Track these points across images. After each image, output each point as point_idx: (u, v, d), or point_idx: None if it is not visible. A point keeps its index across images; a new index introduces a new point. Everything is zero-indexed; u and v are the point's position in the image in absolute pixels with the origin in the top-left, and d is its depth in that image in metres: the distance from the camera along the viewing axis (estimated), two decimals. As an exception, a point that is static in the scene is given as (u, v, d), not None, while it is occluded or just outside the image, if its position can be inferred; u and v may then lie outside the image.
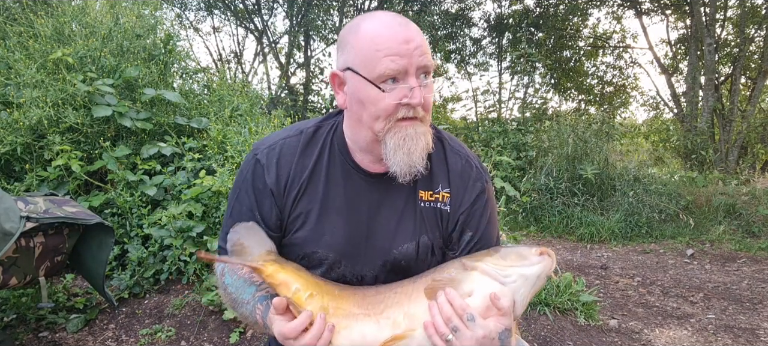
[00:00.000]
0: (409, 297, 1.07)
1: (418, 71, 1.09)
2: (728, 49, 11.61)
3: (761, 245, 5.35)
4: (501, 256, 1.05)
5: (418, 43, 1.08)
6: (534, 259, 1.03)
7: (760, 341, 3.02)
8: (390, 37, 1.07)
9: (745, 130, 10.10)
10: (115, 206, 3.34)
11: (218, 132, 3.68)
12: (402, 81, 1.08)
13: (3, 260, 2.10)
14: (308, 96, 13.52)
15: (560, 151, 7.06)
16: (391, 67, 1.06)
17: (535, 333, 2.94)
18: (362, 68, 1.09)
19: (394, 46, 1.06)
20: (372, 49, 1.07)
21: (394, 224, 1.22)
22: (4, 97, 3.58)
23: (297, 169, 1.21)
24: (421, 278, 1.10)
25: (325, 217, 1.21)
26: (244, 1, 13.87)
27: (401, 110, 1.09)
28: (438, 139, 1.27)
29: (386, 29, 1.08)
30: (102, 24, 4.26)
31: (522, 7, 13.26)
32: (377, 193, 1.22)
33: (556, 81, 13.70)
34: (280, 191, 1.21)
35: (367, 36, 1.09)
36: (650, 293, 3.95)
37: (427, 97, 1.11)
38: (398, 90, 1.08)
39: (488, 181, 1.30)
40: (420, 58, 1.08)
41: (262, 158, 1.22)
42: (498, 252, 1.07)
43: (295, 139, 1.25)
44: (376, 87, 1.07)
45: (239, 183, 1.26)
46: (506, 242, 3.58)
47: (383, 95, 1.08)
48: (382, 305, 1.06)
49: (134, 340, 2.65)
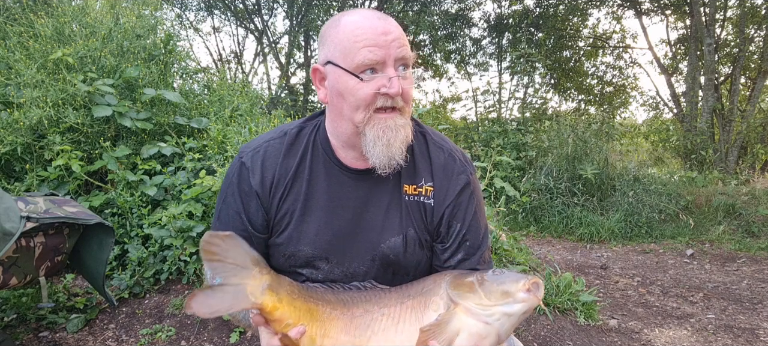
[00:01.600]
0: (396, 326, 1.08)
1: (397, 63, 1.12)
2: (728, 49, 11.61)
3: (761, 245, 5.35)
4: (485, 292, 1.03)
5: (396, 35, 1.12)
6: (519, 296, 1.01)
7: (759, 341, 3.02)
8: (368, 28, 1.10)
9: (745, 130, 10.10)
10: (115, 206, 3.34)
11: (218, 132, 3.68)
12: (380, 71, 1.11)
13: (3, 260, 2.10)
14: (308, 96, 13.52)
15: (560, 151, 7.06)
16: (369, 57, 1.09)
17: (535, 333, 2.94)
18: (342, 60, 1.12)
19: (372, 37, 1.09)
20: (351, 41, 1.10)
21: (381, 219, 1.23)
22: (4, 97, 3.58)
23: (281, 170, 1.23)
24: (410, 295, 1.12)
25: (310, 215, 1.22)
26: (244, 1, 13.87)
27: (380, 100, 1.12)
28: (420, 133, 1.30)
29: (365, 21, 1.11)
30: (102, 24, 4.26)
31: (522, 7, 13.26)
32: (362, 189, 1.23)
33: (556, 81, 13.70)
34: (265, 193, 1.23)
35: (346, 29, 1.12)
36: (650, 293, 3.96)
37: (405, 88, 1.13)
38: (377, 80, 1.10)
39: (473, 173, 1.31)
40: (398, 50, 1.11)
41: (247, 161, 1.24)
42: (483, 285, 1.04)
43: (278, 141, 1.27)
44: (355, 77, 1.10)
45: (226, 187, 1.27)
46: (503, 244, 3.58)
47: (362, 85, 1.10)
48: (369, 331, 1.07)
49: (134, 340, 2.65)
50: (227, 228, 1.23)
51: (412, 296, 1.11)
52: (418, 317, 1.08)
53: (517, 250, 3.79)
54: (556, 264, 4.14)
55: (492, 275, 1.06)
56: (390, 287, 1.18)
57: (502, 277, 1.04)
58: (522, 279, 1.02)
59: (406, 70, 1.14)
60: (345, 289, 1.17)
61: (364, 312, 1.10)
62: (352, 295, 1.14)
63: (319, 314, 1.09)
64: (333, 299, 1.13)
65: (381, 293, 1.14)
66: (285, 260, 1.25)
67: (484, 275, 1.07)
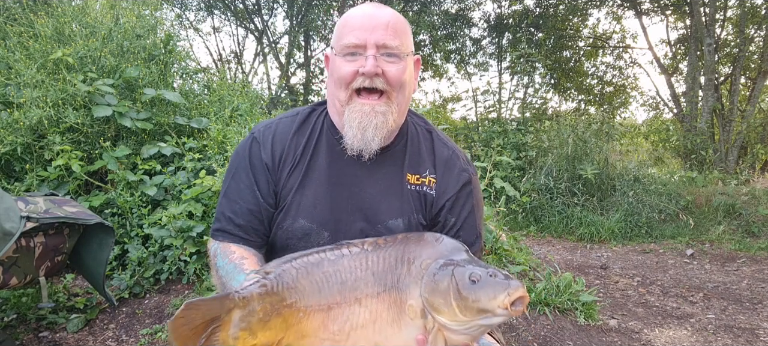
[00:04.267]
0: (374, 324, 1.01)
1: (379, 49, 1.17)
2: (728, 49, 11.60)
3: (761, 245, 5.35)
4: (461, 308, 0.96)
5: (384, 23, 1.18)
6: (498, 311, 0.93)
7: (759, 341, 3.02)
8: (359, 16, 1.20)
9: (745, 130, 10.09)
10: (115, 205, 3.34)
11: (218, 132, 3.68)
12: (361, 53, 1.18)
13: (3, 260, 2.10)
14: (308, 96, 13.51)
15: (560, 151, 7.05)
16: (352, 41, 1.18)
17: (535, 333, 2.94)
18: (335, 43, 1.23)
19: (358, 22, 1.19)
20: (343, 27, 1.21)
21: (379, 201, 1.26)
22: (4, 97, 3.58)
23: (290, 146, 1.29)
24: (385, 284, 1.02)
25: (308, 189, 1.27)
26: (244, 1, 13.86)
27: (358, 79, 1.18)
28: (427, 130, 1.37)
29: (359, 11, 1.21)
30: (102, 24, 4.26)
31: (522, 7, 13.25)
32: (363, 170, 1.27)
33: (556, 81, 13.69)
34: (275, 166, 1.28)
35: (345, 17, 1.23)
36: (650, 292, 3.96)
37: (387, 70, 1.18)
38: (357, 60, 1.18)
39: (474, 174, 1.35)
40: (381, 34, 1.17)
41: (258, 136, 1.30)
42: (459, 299, 0.96)
43: (290, 119, 1.34)
44: (341, 57, 1.20)
45: (236, 162, 1.31)
46: (503, 244, 3.58)
47: (344, 64, 1.19)
48: (348, 326, 1.01)
49: (134, 340, 2.65)
50: (237, 204, 1.27)
51: (387, 288, 1.03)
52: (395, 318, 1.03)
53: (517, 250, 3.79)
54: (556, 264, 4.14)
55: (469, 286, 0.96)
56: (362, 248, 1.07)
57: (480, 288, 0.95)
58: (501, 294, 0.93)
59: (391, 57, 1.18)
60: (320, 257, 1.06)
61: (340, 301, 1.02)
62: (326, 272, 1.04)
63: (293, 318, 1.02)
64: (307, 287, 1.03)
65: (355, 268, 1.04)
66: (283, 233, 1.28)
67: (460, 283, 0.97)
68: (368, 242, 1.08)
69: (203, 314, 0.95)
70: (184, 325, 0.93)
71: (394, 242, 1.07)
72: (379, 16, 1.19)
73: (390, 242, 1.07)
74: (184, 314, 0.92)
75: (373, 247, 1.07)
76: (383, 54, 1.18)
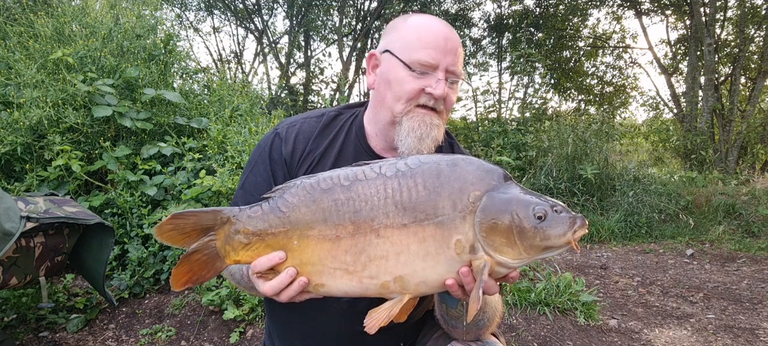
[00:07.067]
0: (398, 256, 0.94)
1: (448, 74, 1.21)
2: (728, 49, 11.61)
3: (761, 245, 5.35)
4: (526, 247, 0.92)
5: (454, 48, 1.22)
6: (563, 246, 0.92)
7: (759, 341, 3.02)
8: (434, 32, 1.21)
9: (745, 130, 10.10)
10: (115, 206, 3.34)
11: (218, 132, 3.68)
12: (431, 73, 1.20)
13: (3, 260, 2.10)
14: (308, 96, 13.52)
15: (560, 151, 7.05)
16: (425, 59, 1.19)
17: (535, 333, 2.94)
18: (400, 51, 1.22)
19: (433, 41, 1.20)
20: (415, 37, 1.22)
21: None
22: (4, 97, 3.58)
23: (313, 145, 1.31)
24: (417, 217, 0.94)
25: None
26: (244, 1, 13.87)
27: (423, 97, 1.21)
28: (448, 143, 1.43)
29: (434, 24, 1.23)
30: (102, 24, 4.26)
31: (522, 7, 13.26)
32: None
33: (556, 81, 13.70)
34: (293, 163, 1.30)
35: (414, 26, 1.24)
36: (650, 292, 3.95)
37: (449, 95, 1.24)
38: (426, 78, 1.20)
39: None
40: (452, 60, 1.21)
41: (281, 132, 1.33)
42: (523, 237, 0.91)
43: (315, 120, 1.36)
44: (408, 69, 1.20)
45: (256, 156, 1.34)
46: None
47: (411, 78, 1.20)
48: (364, 256, 0.95)
49: (134, 340, 2.65)
50: (253, 197, 1.26)
51: (419, 220, 0.93)
52: (430, 252, 0.93)
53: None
54: (555, 264, 4.14)
55: (534, 221, 0.91)
56: (378, 172, 0.98)
57: (549, 227, 0.91)
58: (569, 231, 0.90)
59: (454, 84, 1.24)
60: (332, 182, 0.99)
61: (353, 231, 0.95)
62: (337, 199, 0.97)
63: (287, 245, 0.98)
64: (308, 216, 0.97)
65: (371, 196, 0.95)
66: None
67: (526, 221, 0.91)
68: (386, 166, 0.98)
69: (194, 223, 1.01)
70: (172, 229, 1.00)
71: (420, 169, 0.96)
72: (452, 39, 1.22)
73: (415, 168, 0.97)
74: (172, 221, 0.99)
75: (393, 172, 0.97)
76: (448, 79, 1.22)
